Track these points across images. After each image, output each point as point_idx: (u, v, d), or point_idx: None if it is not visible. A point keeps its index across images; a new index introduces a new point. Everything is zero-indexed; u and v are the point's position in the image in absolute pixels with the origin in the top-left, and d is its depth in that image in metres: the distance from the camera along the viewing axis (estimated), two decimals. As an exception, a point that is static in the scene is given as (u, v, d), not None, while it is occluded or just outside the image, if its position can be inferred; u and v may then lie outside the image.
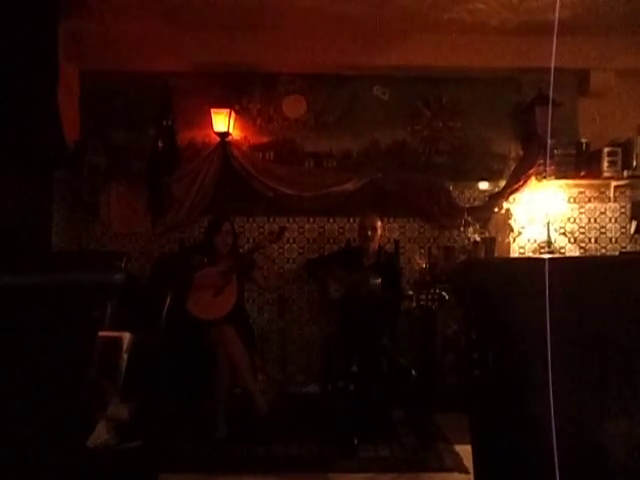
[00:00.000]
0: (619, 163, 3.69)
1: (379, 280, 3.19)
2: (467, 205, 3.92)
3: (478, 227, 3.87)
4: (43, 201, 3.49)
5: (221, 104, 3.76)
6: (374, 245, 3.42)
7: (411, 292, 3.67)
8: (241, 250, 3.59)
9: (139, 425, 1.91)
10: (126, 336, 1.92)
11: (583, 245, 3.95)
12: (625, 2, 3.21)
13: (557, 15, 2.70)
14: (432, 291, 3.58)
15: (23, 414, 0.96)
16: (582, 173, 3.76)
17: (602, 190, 3.91)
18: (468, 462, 2.58)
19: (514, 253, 3.90)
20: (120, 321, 1.92)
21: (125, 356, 1.90)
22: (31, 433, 0.97)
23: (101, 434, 1.76)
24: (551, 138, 3.72)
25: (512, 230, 3.90)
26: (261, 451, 2.77)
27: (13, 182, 3.02)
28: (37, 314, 0.95)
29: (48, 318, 0.96)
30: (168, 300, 2.67)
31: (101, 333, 1.05)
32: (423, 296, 3.59)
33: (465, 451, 2.75)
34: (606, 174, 3.72)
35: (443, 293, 3.46)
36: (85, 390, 1.09)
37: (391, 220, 3.93)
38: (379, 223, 3.44)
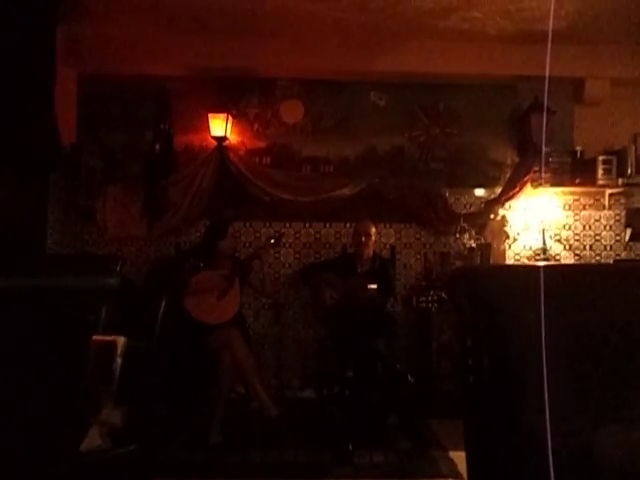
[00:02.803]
0: (614, 171, 3.72)
1: (374, 286, 3.19)
2: (463, 211, 3.94)
3: (474, 233, 3.88)
4: (39, 204, 3.48)
5: (218, 108, 3.77)
6: (368, 251, 3.42)
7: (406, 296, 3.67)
8: (237, 254, 3.59)
9: (133, 430, 1.89)
10: (120, 340, 1.91)
11: (578, 252, 3.97)
12: (620, 12, 3.24)
13: (551, 24, 2.72)
14: (428, 298, 3.57)
15: (15, 417, 0.95)
16: (577, 181, 3.78)
17: (597, 198, 3.93)
18: (463, 468, 2.57)
19: (509, 259, 3.91)
20: (115, 325, 1.91)
21: (119, 360, 1.89)
22: (24, 437, 0.96)
23: (94, 439, 1.74)
24: (546, 146, 3.74)
25: (508, 236, 3.91)
26: (256, 457, 2.75)
27: (9, 184, 3.01)
28: (31, 317, 0.94)
29: (42, 321, 0.95)
30: (163, 304, 2.66)
31: (95, 337, 1.05)
32: (423, 298, 3.58)
33: (460, 457, 2.74)
34: (601, 182, 3.74)
35: (443, 295, 3.45)
36: (79, 394, 1.08)
37: (387, 226, 3.94)
38: (373, 229, 3.44)
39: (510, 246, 3.94)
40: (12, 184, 3.05)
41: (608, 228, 3.98)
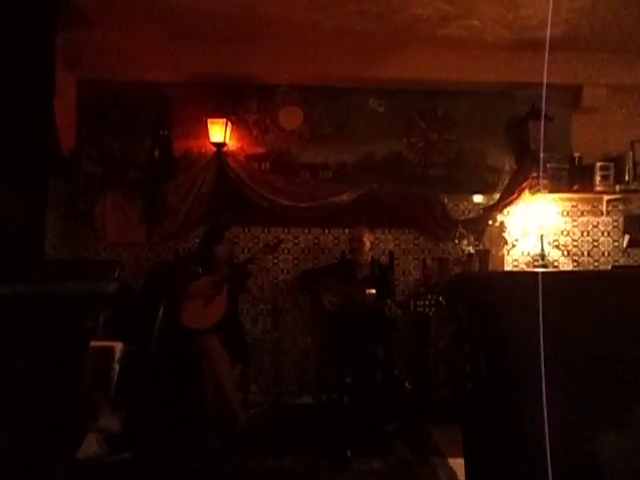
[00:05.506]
0: (611, 177, 3.73)
1: (373, 292, 3.18)
2: (461, 217, 3.95)
3: (472, 239, 3.89)
4: (37, 209, 3.47)
5: (217, 114, 3.78)
6: (364, 257, 3.42)
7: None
8: (236, 260, 3.59)
9: (130, 436, 1.88)
10: (118, 346, 1.90)
11: (576, 258, 3.97)
12: (616, 20, 3.27)
13: (549, 32, 2.74)
14: (425, 302, 3.56)
15: (12, 424, 0.95)
16: (575, 187, 3.80)
17: (595, 204, 3.94)
18: (462, 476, 2.56)
19: (508, 266, 3.91)
20: (112, 331, 1.91)
21: (117, 366, 1.88)
22: (20, 444, 0.95)
23: (91, 446, 1.74)
24: (544, 152, 3.76)
25: (506, 243, 3.92)
26: (254, 463, 2.74)
27: (8, 190, 3.01)
28: (29, 323, 0.94)
29: (40, 327, 0.95)
30: (161, 310, 2.66)
31: (93, 343, 1.04)
32: (420, 303, 3.57)
33: (459, 465, 2.73)
34: (598, 188, 3.76)
35: (440, 298, 3.44)
36: (76, 401, 1.08)
37: (386, 231, 3.95)
38: (367, 235, 3.43)
39: (508, 252, 3.95)
40: (11, 189, 3.05)
41: (606, 234, 3.99)
